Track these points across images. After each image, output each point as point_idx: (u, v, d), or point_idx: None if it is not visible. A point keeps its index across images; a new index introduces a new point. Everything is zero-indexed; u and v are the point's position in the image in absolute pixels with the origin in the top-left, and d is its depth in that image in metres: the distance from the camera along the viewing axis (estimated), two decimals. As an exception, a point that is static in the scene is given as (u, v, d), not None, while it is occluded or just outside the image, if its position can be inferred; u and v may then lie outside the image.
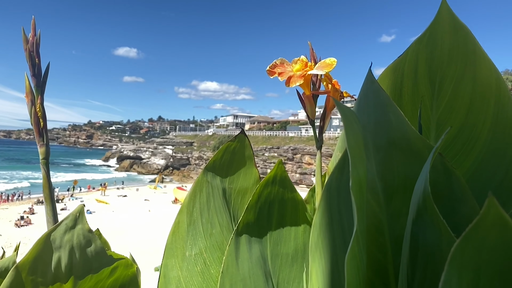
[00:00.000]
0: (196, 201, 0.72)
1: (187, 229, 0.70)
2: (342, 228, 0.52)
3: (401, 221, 0.60)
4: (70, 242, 0.60)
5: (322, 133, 0.94)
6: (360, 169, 0.43)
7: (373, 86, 0.61)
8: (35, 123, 0.68)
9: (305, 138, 45.71)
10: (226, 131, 68.44)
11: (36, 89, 0.69)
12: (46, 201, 0.68)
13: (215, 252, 0.70)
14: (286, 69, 0.90)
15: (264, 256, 0.60)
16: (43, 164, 0.68)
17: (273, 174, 0.61)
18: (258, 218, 0.61)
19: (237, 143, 0.78)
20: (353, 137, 0.42)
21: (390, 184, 0.59)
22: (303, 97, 0.93)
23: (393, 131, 0.58)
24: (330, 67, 0.86)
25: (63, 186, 34.93)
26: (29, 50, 0.67)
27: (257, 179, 0.79)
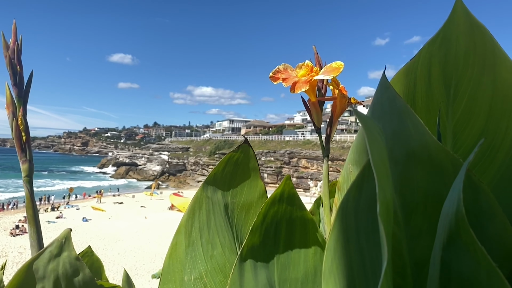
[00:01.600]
0: (195, 219, 0.66)
1: (186, 251, 0.64)
2: (361, 252, 0.46)
3: (421, 242, 0.55)
4: (55, 271, 0.54)
5: (329, 141, 0.88)
6: (387, 190, 0.37)
7: (388, 92, 0.56)
8: (16, 137, 0.62)
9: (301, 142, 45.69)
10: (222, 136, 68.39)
11: (18, 99, 0.63)
12: (30, 223, 0.62)
13: (216, 276, 0.64)
14: (290, 75, 0.84)
15: (271, 282, 0.55)
16: (26, 182, 0.62)
17: (280, 191, 0.55)
18: (264, 240, 0.55)
19: (240, 154, 0.72)
20: (378, 153, 0.37)
21: (409, 200, 0.53)
22: (308, 103, 0.87)
23: (412, 142, 0.53)
24: (337, 71, 0.81)
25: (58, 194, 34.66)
26: (9, 57, 0.61)
27: (263, 192, 0.73)
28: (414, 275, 0.54)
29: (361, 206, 0.45)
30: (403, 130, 0.53)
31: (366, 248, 0.46)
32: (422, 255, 0.54)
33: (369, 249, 0.45)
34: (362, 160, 0.58)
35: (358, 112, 0.39)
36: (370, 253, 0.45)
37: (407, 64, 0.69)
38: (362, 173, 0.45)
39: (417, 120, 0.52)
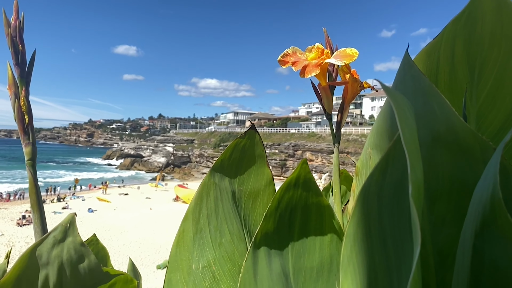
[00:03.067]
0: (203, 206, 0.63)
1: (193, 238, 0.61)
2: (384, 240, 0.43)
3: (445, 231, 0.52)
4: (59, 257, 0.51)
5: (340, 127, 0.85)
6: (418, 171, 0.34)
7: (412, 71, 0.53)
8: (19, 119, 0.59)
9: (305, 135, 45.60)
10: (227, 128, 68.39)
11: (20, 80, 0.60)
12: (34, 208, 0.60)
13: (225, 264, 0.61)
14: (300, 58, 0.81)
15: (285, 271, 0.52)
16: (29, 166, 0.59)
17: (296, 175, 0.52)
18: (278, 227, 0.52)
19: (247, 140, 0.69)
20: (409, 131, 0.33)
21: (434, 187, 0.50)
22: (318, 88, 0.84)
23: (438, 124, 0.49)
24: (351, 59, 0.77)
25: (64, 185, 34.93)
26: (11, 35, 0.58)
27: (270, 180, 0.70)
28: (437, 265, 0.51)
29: (385, 191, 0.42)
30: (428, 111, 0.50)
31: (390, 234, 0.43)
32: (446, 244, 0.51)
33: (393, 236, 0.42)
34: (383, 144, 0.55)
35: (386, 87, 0.36)
36: (394, 240, 0.42)
37: (429, 43, 0.65)
38: (386, 156, 0.42)
39: (443, 100, 0.49)
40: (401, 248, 0.41)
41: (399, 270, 0.42)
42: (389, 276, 0.43)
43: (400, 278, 0.42)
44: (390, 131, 0.54)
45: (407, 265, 0.40)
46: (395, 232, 0.42)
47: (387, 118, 0.55)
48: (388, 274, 0.43)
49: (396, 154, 0.41)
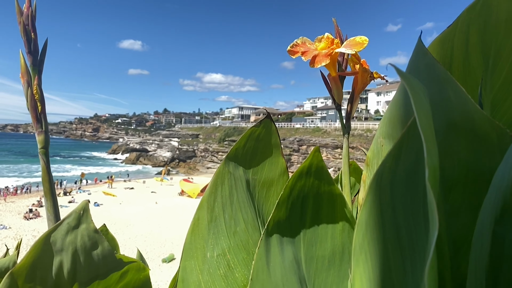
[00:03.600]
0: (218, 194, 0.63)
1: (208, 226, 0.61)
2: (397, 227, 0.43)
3: (460, 219, 0.51)
4: (73, 244, 0.52)
5: (350, 118, 0.84)
6: (434, 155, 0.34)
7: (426, 58, 0.52)
8: (32, 107, 0.59)
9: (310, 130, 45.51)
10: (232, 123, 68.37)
11: (32, 68, 0.60)
12: (46, 195, 0.60)
13: (240, 253, 0.61)
14: (309, 48, 0.80)
15: (297, 259, 0.52)
16: (42, 154, 0.60)
17: (308, 163, 0.52)
18: (290, 215, 0.52)
19: (262, 129, 0.69)
20: (424, 115, 0.33)
21: (449, 175, 0.50)
22: (328, 79, 0.83)
23: (453, 111, 0.49)
24: (361, 46, 0.77)
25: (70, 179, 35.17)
26: (23, 24, 0.58)
27: (284, 170, 0.70)
28: (451, 254, 0.51)
29: (398, 178, 0.42)
30: (443, 99, 0.50)
31: (403, 222, 0.42)
32: (461, 233, 0.51)
33: (406, 224, 0.42)
34: (395, 132, 0.55)
35: (401, 71, 0.35)
36: (408, 227, 0.42)
37: (443, 32, 0.64)
38: (400, 142, 0.42)
39: (458, 87, 0.48)
40: (415, 235, 0.41)
41: (413, 257, 0.41)
42: (403, 263, 0.43)
43: (414, 266, 0.41)
44: (403, 119, 0.54)
45: (421, 252, 0.40)
46: (408, 219, 0.42)
47: (400, 106, 0.54)
48: (401, 262, 0.43)
49: (410, 141, 0.41)
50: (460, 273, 0.52)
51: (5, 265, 0.79)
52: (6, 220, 19.07)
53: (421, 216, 0.38)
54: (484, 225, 0.40)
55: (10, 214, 20.74)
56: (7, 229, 17.39)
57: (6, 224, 18.19)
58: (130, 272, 0.57)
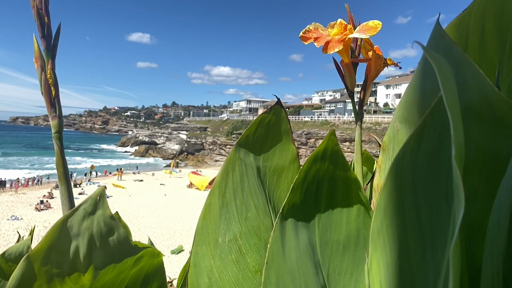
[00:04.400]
0: (229, 180, 0.63)
1: (220, 212, 0.61)
2: (418, 211, 0.42)
3: (476, 204, 0.50)
4: (89, 229, 0.52)
5: (363, 106, 0.83)
6: (460, 135, 0.33)
7: (443, 40, 0.51)
8: (45, 92, 0.59)
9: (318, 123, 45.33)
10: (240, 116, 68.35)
11: (46, 52, 0.60)
12: (61, 180, 0.60)
13: (251, 238, 0.61)
14: (322, 34, 0.79)
15: (312, 243, 0.52)
16: (56, 139, 0.60)
17: (323, 147, 0.51)
18: (305, 199, 0.52)
19: (272, 116, 0.68)
20: (451, 93, 0.32)
21: (465, 159, 0.49)
22: (341, 65, 0.82)
23: (471, 93, 0.48)
24: (374, 31, 0.76)
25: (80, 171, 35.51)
26: (37, 7, 0.58)
27: (295, 157, 0.70)
28: (467, 239, 0.50)
29: (420, 160, 0.41)
30: (460, 81, 0.49)
31: (424, 205, 0.42)
32: (476, 218, 0.50)
33: (427, 206, 0.42)
34: (411, 116, 0.54)
35: (427, 49, 0.35)
36: (429, 210, 0.42)
37: (458, 17, 0.63)
38: (422, 124, 0.41)
39: (476, 70, 0.47)
40: (436, 218, 0.41)
41: (434, 241, 0.41)
42: (423, 247, 0.43)
43: (435, 249, 0.41)
44: (420, 104, 0.53)
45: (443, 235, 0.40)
46: (430, 201, 0.41)
47: (417, 90, 0.53)
48: (421, 246, 0.43)
49: (433, 123, 0.40)
50: (475, 259, 0.52)
51: (19, 249, 0.80)
52: (18, 211, 19.37)
53: (443, 198, 0.37)
54: (501, 209, 0.39)
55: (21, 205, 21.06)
56: (19, 220, 17.67)
57: (18, 215, 18.48)
58: (145, 258, 0.58)
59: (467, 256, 0.51)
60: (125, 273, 0.57)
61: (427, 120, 0.39)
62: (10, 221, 17.49)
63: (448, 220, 0.39)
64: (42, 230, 14.84)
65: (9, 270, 0.76)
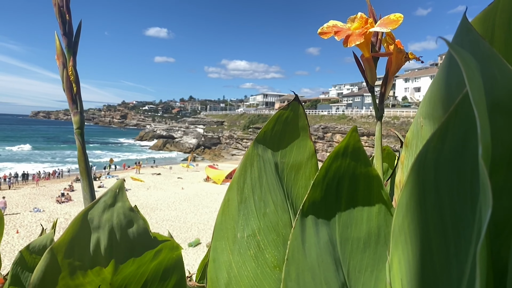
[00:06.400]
0: (247, 176, 0.63)
1: (238, 207, 0.61)
2: (440, 208, 0.41)
3: (502, 202, 0.49)
4: (109, 222, 0.53)
5: (383, 101, 0.82)
6: (487, 133, 0.32)
7: (470, 35, 0.49)
8: (67, 89, 0.60)
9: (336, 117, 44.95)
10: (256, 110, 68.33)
11: (67, 50, 0.61)
12: (82, 175, 0.61)
13: (269, 234, 0.61)
14: (342, 28, 0.78)
15: (332, 240, 0.51)
16: (77, 135, 0.61)
17: (345, 144, 0.51)
18: (325, 196, 0.51)
19: (290, 112, 0.68)
20: (478, 91, 0.32)
21: (493, 155, 0.48)
22: (361, 59, 0.81)
23: (498, 89, 0.46)
24: (396, 24, 0.74)
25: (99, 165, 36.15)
26: (58, 5, 0.59)
27: (312, 153, 0.69)
28: (492, 237, 0.49)
29: (444, 158, 0.40)
30: (487, 76, 0.47)
31: (447, 203, 0.41)
32: (502, 216, 0.49)
33: (451, 204, 0.41)
34: (435, 112, 0.53)
35: (452, 45, 0.34)
36: (452, 208, 0.41)
37: (484, 10, 0.61)
38: (447, 121, 0.40)
39: (504, 65, 0.46)
40: (460, 216, 0.40)
41: (457, 239, 0.40)
42: (446, 246, 0.42)
43: (458, 248, 0.40)
44: (444, 99, 0.52)
45: (467, 234, 0.39)
46: (453, 199, 0.40)
47: (442, 86, 0.52)
48: (444, 244, 0.42)
49: (457, 119, 0.39)
50: (500, 258, 0.51)
51: (43, 242, 0.82)
52: (40, 204, 19.88)
53: (468, 196, 0.36)
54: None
55: (43, 198, 21.59)
56: (41, 212, 18.14)
57: (40, 207, 18.97)
58: (164, 251, 0.58)
59: (492, 255, 0.50)
60: (145, 266, 0.58)
61: (451, 116, 0.38)
62: (32, 213, 17.97)
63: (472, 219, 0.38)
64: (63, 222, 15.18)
65: (33, 262, 0.78)
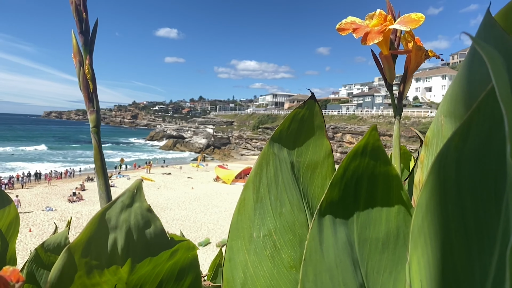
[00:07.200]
0: (263, 175, 0.63)
1: (254, 207, 0.61)
2: (462, 209, 0.40)
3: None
4: (127, 222, 0.52)
5: (402, 99, 0.81)
6: (515, 130, 0.31)
7: (494, 31, 0.48)
8: (84, 87, 0.60)
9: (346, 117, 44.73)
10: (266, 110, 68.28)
11: (84, 48, 0.61)
12: (98, 173, 0.61)
13: (286, 234, 0.60)
14: (361, 25, 0.77)
15: (350, 241, 0.50)
16: (94, 133, 0.61)
17: (364, 143, 0.50)
18: (343, 196, 0.51)
19: (305, 111, 0.67)
20: (504, 87, 0.30)
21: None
22: (380, 57, 0.80)
23: (525, 87, 0.45)
24: (417, 24, 0.73)
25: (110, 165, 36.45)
26: (75, 3, 0.59)
27: (329, 152, 0.69)
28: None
29: (466, 157, 0.39)
30: (512, 73, 0.46)
31: (470, 203, 0.40)
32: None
33: (473, 205, 0.40)
34: (457, 110, 0.52)
35: (477, 40, 0.32)
36: (475, 209, 0.40)
37: (507, 5, 0.60)
38: (469, 119, 0.39)
39: (530, 61, 0.44)
40: (483, 217, 0.39)
41: (480, 241, 0.39)
42: (468, 246, 0.41)
43: (481, 250, 0.39)
44: (466, 97, 0.50)
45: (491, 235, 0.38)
46: (476, 200, 0.39)
47: (464, 83, 0.51)
48: (466, 245, 0.41)
49: (481, 117, 0.38)
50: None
51: (57, 240, 0.82)
52: (52, 203, 20.12)
53: (492, 195, 0.35)
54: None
55: (55, 197, 21.85)
56: (53, 211, 18.36)
57: (52, 206, 19.20)
58: (180, 251, 0.58)
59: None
60: (160, 266, 0.58)
61: (474, 114, 0.37)
62: (45, 211, 18.20)
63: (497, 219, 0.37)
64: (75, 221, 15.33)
65: (47, 260, 0.79)
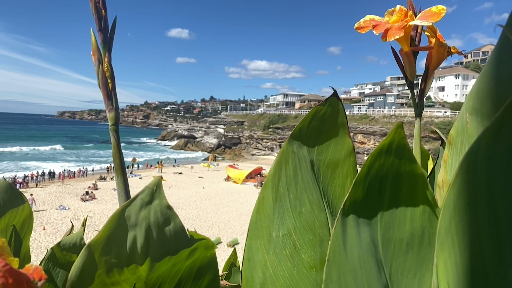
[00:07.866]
0: (282, 174, 0.62)
1: (273, 206, 0.60)
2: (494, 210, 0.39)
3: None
4: (146, 219, 0.52)
5: (423, 97, 0.79)
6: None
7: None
8: (103, 85, 0.60)
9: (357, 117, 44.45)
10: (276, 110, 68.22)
11: (103, 45, 0.61)
12: (117, 172, 0.61)
13: (305, 234, 0.59)
14: (381, 22, 0.75)
15: (374, 241, 0.49)
16: (112, 131, 0.61)
17: (389, 141, 0.48)
18: (367, 195, 0.49)
19: (327, 108, 0.66)
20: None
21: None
22: (400, 54, 0.78)
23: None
24: (438, 17, 0.71)
25: (123, 164, 36.68)
26: (94, 1, 0.59)
27: (351, 151, 0.67)
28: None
29: (498, 155, 0.38)
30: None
31: (502, 203, 0.38)
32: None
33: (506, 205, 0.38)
34: (484, 108, 0.50)
35: None
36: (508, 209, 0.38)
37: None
38: (501, 115, 0.37)
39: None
40: (518, 217, 0.37)
41: (513, 242, 0.38)
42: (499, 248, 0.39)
43: (515, 251, 0.38)
44: (494, 93, 0.49)
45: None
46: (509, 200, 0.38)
47: (491, 79, 0.49)
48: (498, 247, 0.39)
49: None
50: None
51: (73, 240, 0.82)
52: (65, 201, 20.39)
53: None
54: None
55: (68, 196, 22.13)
56: (66, 210, 18.60)
57: (66, 205, 19.45)
58: (199, 250, 0.57)
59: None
60: (179, 265, 0.57)
61: (507, 110, 0.36)
62: (58, 210, 18.45)
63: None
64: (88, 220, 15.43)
65: (63, 259, 0.79)
